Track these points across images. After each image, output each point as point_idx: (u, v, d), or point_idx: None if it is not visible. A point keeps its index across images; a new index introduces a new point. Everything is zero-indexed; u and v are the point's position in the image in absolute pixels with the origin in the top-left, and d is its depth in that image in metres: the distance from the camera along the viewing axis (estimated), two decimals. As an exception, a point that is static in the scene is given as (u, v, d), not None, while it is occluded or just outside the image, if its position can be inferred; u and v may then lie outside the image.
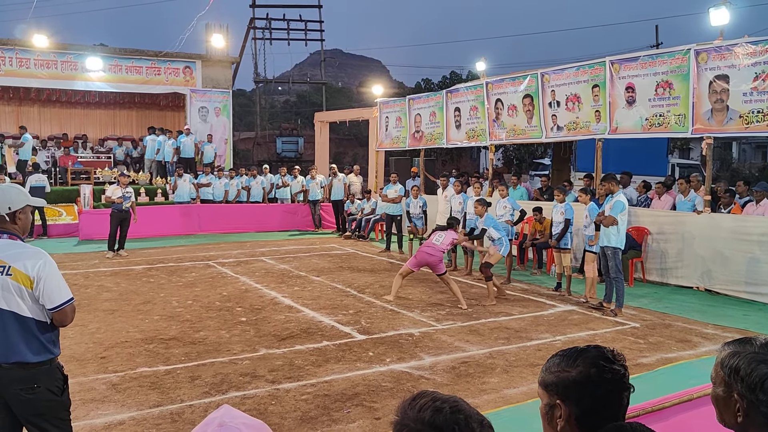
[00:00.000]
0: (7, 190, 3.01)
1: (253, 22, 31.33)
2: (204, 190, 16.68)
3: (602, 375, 1.48)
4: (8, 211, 2.93)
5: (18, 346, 2.78)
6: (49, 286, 2.84)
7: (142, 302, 8.32)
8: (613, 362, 1.51)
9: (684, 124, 9.51)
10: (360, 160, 29.96)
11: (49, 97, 20.31)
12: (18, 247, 2.90)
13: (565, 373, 1.51)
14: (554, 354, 1.60)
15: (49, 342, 2.90)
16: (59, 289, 2.88)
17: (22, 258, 2.83)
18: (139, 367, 5.69)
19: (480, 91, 13.60)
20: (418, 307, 8.22)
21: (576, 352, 1.55)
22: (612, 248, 7.84)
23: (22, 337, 2.79)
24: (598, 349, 1.55)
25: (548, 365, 1.57)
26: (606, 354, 1.52)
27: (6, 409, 2.85)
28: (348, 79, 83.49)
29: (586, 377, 1.48)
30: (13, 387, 2.78)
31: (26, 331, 2.81)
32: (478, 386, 5.30)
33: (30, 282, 2.81)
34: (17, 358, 2.79)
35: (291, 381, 5.37)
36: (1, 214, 2.91)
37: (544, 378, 1.56)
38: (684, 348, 6.43)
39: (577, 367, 1.50)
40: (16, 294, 2.79)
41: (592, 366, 1.49)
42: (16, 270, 2.79)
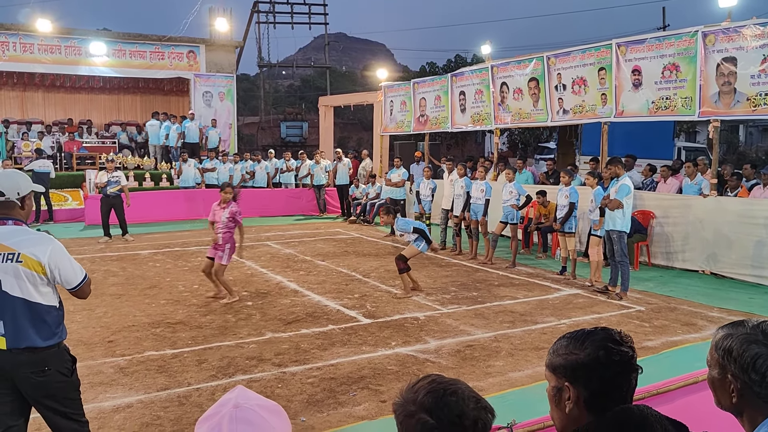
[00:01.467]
0: (15, 176, 3.07)
1: (256, 6, 31.16)
2: (209, 174, 16.69)
3: (611, 357, 1.47)
4: (17, 197, 2.98)
5: (28, 331, 2.83)
6: (64, 270, 2.94)
7: (148, 287, 8.37)
8: (621, 344, 1.50)
9: (691, 107, 9.44)
10: (364, 145, 29.90)
11: (54, 83, 20.27)
12: (24, 234, 2.94)
13: (573, 356, 1.50)
14: (561, 336, 1.59)
15: (57, 326, 2.95)
16: (74, 271, 2.99)
17: (30, 244, 2.87)
18: (147, 351, 5.73)
19: (485, 74, 13.51)
20: (423, 291, 8.23)
21: (584, 334, 1.54)
22: (617, 232, 7.82)
23: (31, 322, 2.84)
24: (606, 331, 1.54)
25: (556, 348, 1.56)
26: (614, 336, 1.52)
27: (14, 393, 2.88)
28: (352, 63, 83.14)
29: (595, 359, 1.47)
30: (23, 371, 2.83)
31: (35, 317, 2.86)
32: (483, 369, 5.32)
33: (42, 268, 2.86)
34: (27, 343, 2.84)
35: (297, 364, 5.40)
36: (11, 200, 2.96)
37: (552, 361, 1.55)
38: (689, 331, 6.44)
39: (586, 349, 1.49)
40: (28, 280, 2.84)
41: (601, 348, 1.48)
42: (26, 257, 2.84)
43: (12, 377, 2.85)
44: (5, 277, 2.82)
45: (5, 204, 2.96)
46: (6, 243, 2.85)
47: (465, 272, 9.56)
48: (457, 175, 11.07)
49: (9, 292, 2.83)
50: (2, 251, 2.84)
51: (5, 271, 2.82)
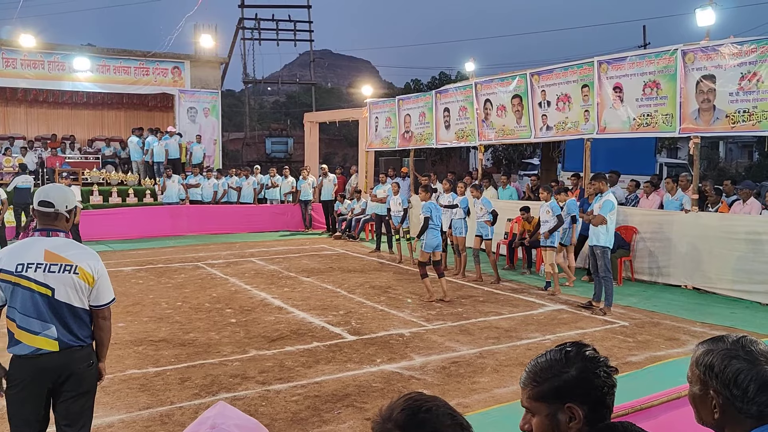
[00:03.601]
0: (64, 189, 3.26)
1: (242, 23, 31.21)
2: (193, 190, 16.61)
3: (597, 364, 1.50)
4: (65, 209, 3.14)
5: (76, 332, 3.06)
6: (103, 287, 3.15)
7: (131, 304, 8.28)
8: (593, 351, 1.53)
9: (671, 123, 9.58)
10: (350, 161, 29.93)
11: (36, 98, 20.12)
12: (78, 247, 3.17)
13: (564, 374, 1.48)
14: (530, 364, 1.54)
15: (90, 327, 3.17)
16: (108, 289, 3.20)
17: (85, 258, 3.09)
18: (129, 369, 5.66)
19: (469, 91, 13.62)
20: (409, 307, 8.22)
21: (559, 352, 1.52)
22: (601, 247, 7.88)
23: (76, 324, 3.06)
24: (575, 344, 1.55)
25: (533, 376, 1.51)
26: (584, 345, 1.54)
27: (48, 399, 3.06)
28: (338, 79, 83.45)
29: (585, 371, 1.48)
30: (80, 365, 3.08)
31: (79, 319, 3.08)
32: (469, 386, 5.31)
33: (92, 281, 3.08)
34: (78, 342, 3.08)
35: (281, 382, 5.36)
36: (60, 212, 3.12)
37: (539, 390, 1.50)
38: (672, 346, 6.48)
39: (574, 364, 1.49)
40: (79, 290, 3.05)
41: (585, 359, 1.50)
42: (83, 270, 3.05)
43: (68, 375, 3.03)
44: (58, 286, 3.00)
45: (55, 216, 3.12)
46: (63, 255, 3.03)
47: (450, 288, 9.56)
48: (443, 191, 11.11)
49: (59, 300, 3.01)
50: (60, 262, 3.01)
51: (60, 280, 3.00)
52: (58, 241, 3.08)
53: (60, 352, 3.01)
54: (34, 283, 2.98)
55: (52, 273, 3.00)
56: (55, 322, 3.01)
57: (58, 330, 3.01)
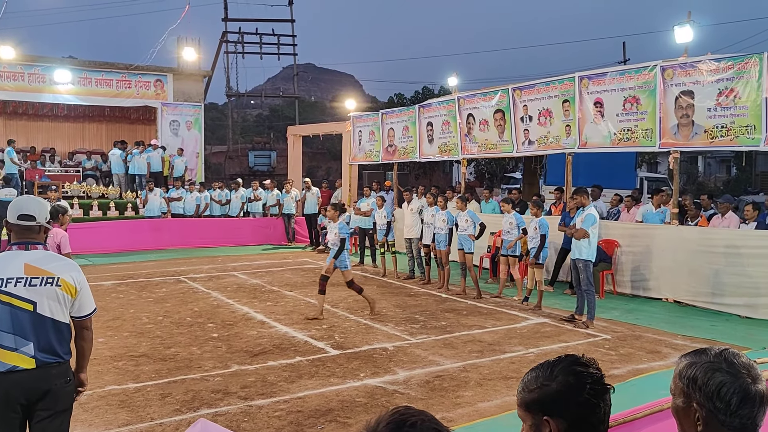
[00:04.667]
0: (43, 202, 3.24)
1: (225, 36, 31.22)
2: (175, 204, 16.49)
3: (582, 380, 1.48)
4: (45, 222, 3.13)
5: (56, 347, 3.02)
6: (85, 298, 3.14)
7: (111, 318, 8.16)
8: (588, 366, 1.51)
9: (651, 138, 9.71)
10: (333, 174, 29.93)
11: (16, 110, 19.91)
12: (58, 259, 3.16)
13: (545, 387, 1.48)
14: (527, 372, 1.57)
15: (69, 343, 3.14)
16: (90, 300, 3.19)
17: (67, 269, 3.07)
18: (108, 385, 5.57)
19: (452, 106, 13.71)
20: (392, 321, 8.20)
21: (550, 364, 1.53)
22: (583, 261, 7.94)
23: (57, 339, 3.03)
24: (572, 357, 1.54)
25: (524, 384, 1.54)
26: (580, 360, 1.53)
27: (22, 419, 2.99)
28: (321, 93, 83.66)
29: (568, 386, 1.47)
30: (57, 381, 3.02)
31: (60, 334, 3.04)
32: (453, 400, 5.29)
33: (75, 292, 3.07)
34: (57, 358, 3.03)
35: (264, 397, 5.30)
36: (43, 225, 3.12)
37: (524, 398, 1.52)
38: (654, 359, 6.52)
39: (556, 377, 1.49)
40: (61, 303, 3.03)
41: (570, 374, 1.48)
42: (65, 281, 3.03)
43: (44, 392, 2.97)
44: (41, 299, 2.97)
45: (33, 228, 3.10)
46: (44, 267, 3.00)
47: (434, 301, 9.56)
48: (426, 204, 11.14)
49: (42, 314, 2.97)
50: (42, 275, 2.98)
51: (42, 294, 2.97)
52: (37, 254, 3.05)
53: (36, 369, 2.96)
54: (15, 299, 2.93)
55: (33, 286, 2.96)
56: (34, 338, 2.95)
57: (36, 346, 2.95)
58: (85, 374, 3.29)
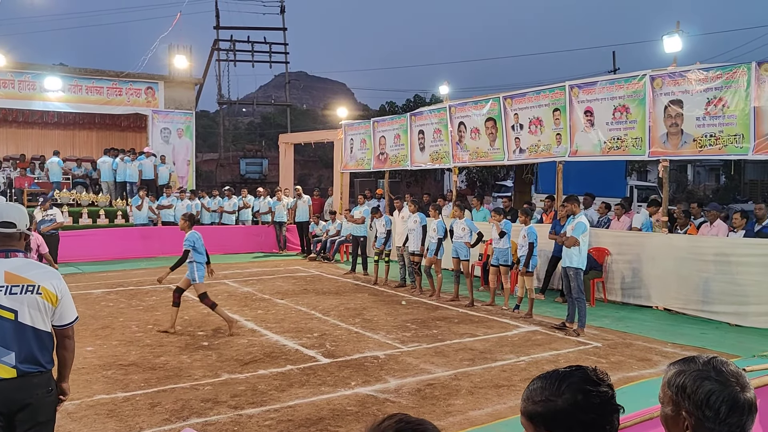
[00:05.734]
0: (22, 208, 3.19)
1: (217, 44, 31.24)
2: (165, 211, 16.41)
3: (590, 400, 1.41)
4: (25, 229, 3.10)
5: (37, 356, 2.97)
6: (65, 305, 3.08)
7: (100, 327, 8.10)
8: (599, 384, 1.44)
9: (641, 147, 9.77)
10: (325, 182, 29.92)
11: (5, 117, 19.78)
12: (38, 267, 3.11)
13: (550, 402, 1.42)
14: (535, 379, 1.50)
15: (51, 352, 3.09)
16: (71, 308, 3.14)
17: (47, 277, 3.02)
18: (97, 395, 5.52)
19: (443, 114, 13.76)
20: (384, 329, 8.18)
21: (559, 376, 1.46)
22: (574, 269, 7.96)
23: (38, 348, 2.97)
24: (582, 371, 1.47)
25: (530, 393, 1.48)
26: (591, 376, 1.45)
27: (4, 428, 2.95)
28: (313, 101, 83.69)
29: (574, 404, 1.40)
30: (38, 391, 2.97)
31: (41, 343, 2.99)
32: (444, 408, 5.28)
33: (56, 300, 3.02)
34: (38, 367, 2.99)
35: (254, 406, 5.27)
36: (22, 232, 3.08)
37: (527, 408, 1.47)
38: (644, 367, 6.53)
39: (563, 394, 1.42)
40: (42, 311, 2.98)
41: (579, 392, 1.41)
42: (45, 289, 2.98)
43: (25, 404, 2.92)
44: (21, 308, 2.92)
45: (14, 236, 3.06)
46: (24, 275, 2.95)
47: (425, 309, 9.55)
48: (409, 212, 11.14)
49: (23, 322, 2.93)
50: (23, 283, 2.93)
51: (23, 302, 2.92)
52: (17, 262, 3.00)
53: (17, 378, 2.92)
54: None
55: (14, 295, 2.91)
56: (16, 348, 2.91)
57: (17, 356, 2.91)
58: (66, 383, 3.25)
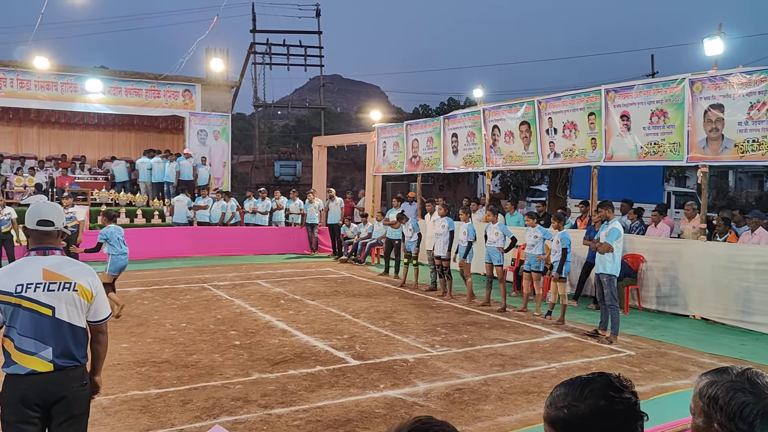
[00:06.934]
0: (59, 207, 3.30)
1: (253, 47, 31.62)
2: (200, 212, 16.68)
3: (613, 406, 1.39)
4: (62, 227, 3.19)
5: (73, 351, 3.06)
6: (100, 302, 3.18)
7: (135, 324, 8.27)
8: (622, 390, 1.43)
9: (679, 152, 9.57)
10: (358, 185, 30.02)
11: (48, 119, 20.36)
12: (75, 264, 3.18)
13: (573, 408, 1.41)
14: (558, 385, 1.49)
15: (86, 347, 3.19)
16: (105, 305, 3.24)
17: (83, 274, 3.12)
18: (131, 390, 5.63)
19: (477, 117, 13.69)
20: (414, 332, 8.17)
21: (582, 382, 1.45)
22: (607, 275, 7.83)
23: (74, 343, 3.07)
24: (605, 378, 1.46)
25: (553, 399, 1.47)
26: (614, 382, 1.44)
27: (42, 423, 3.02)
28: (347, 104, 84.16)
29: (596, 410, 1.39)
30: (74, 385, 3.06)
31: (77, 338, 3.09)
32: (472, 413, 5.25)
33: (91, 297, 3.11)
34: (74, 361, 3.08)
35: (283, 406, 5.31)
36: (59, 230, 3.17)
37: (549, 414, 1.45)
38: (680, 377, 6.39)
39: (586, 399, 1.41)
40: (78, 307, 3.07)
41: (602, 397, 1.40)
42: (81, 286, 3.07)
43: (60, 396, 3.01)
44: (59, 304, 3.01)
45: (51, 234, 3.15)
46: (62, 272, 3.05)
47: (455, 314, 9.51)
48: (438, 215, 11.09)
49: (60, 318, 3.02)
50: (60, 280, 3.03)
51: (60, 298, 3.01)
52: (55, 260, 3.09)
53: (53, 372, 3.00)
54: (36, 303, 2.97)
55: (51, 291, 3.00)
56: (53, 343, 2.99)
57: (54, 351, 3.00)
58: (99, 377, 3.33)
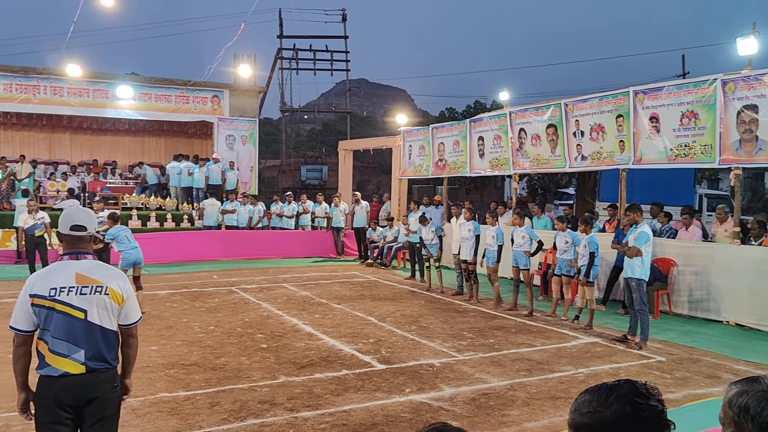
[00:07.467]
0: (91, 212, 3.38)
1: (280, 53, 31.87)
2: (229, 216, 16.86)
3: (639, 413, 1.38)
4: (94, 232, 3.28)
5: (104, 354, 3.12)
6: (131, 305, 3.24)
7: (164, 327, 8.38)
8: (649, 398, 1.41)
9: (711, 154, 9.39)
10: (384, 188, 30.04)
11: (81, 124, 20.80)
12: (107, 269, 3.26)
13: (598, 414, 1.40)
14: (583, 391, 1.48)
15: (117, 349, 3.25)
16: (136, 308, 3.30)
17: (114, 278, 3.19)
18: (160, 392, 5.71)
19: (503, 120, 13.61)
20: (440, 337, 8.14)
21: (607, 388, 1.44)
22: (636, 280, 7.71)
23: (105, 346, 3.13)
24: (631, 384, 1.44)
25: (578, 405, 1.46)
26: (640, 389, 1.43)
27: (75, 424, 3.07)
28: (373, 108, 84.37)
29: (622, 417, 1.38)
30: (105, 386, 3.12)
31: (108, 341, 3.15)
32: (498, 419, 5.20)
33: (122, 301, 3.18)
34: (105, 364, 3.13)
35: (310, 410, 5.33)
36: (92, 234, 3.25)
37: (574, 419, 1.44)
38: (713, 384, 6.25)
39: (611, 406, 1.40)
40: (109, 311, 3.14)
41: (627, 404, 1.39)
42: (113, 290, 3.14)
43: (92, 398, 3.07)
44: (91, 307, 3.08)
45: (84, 239, 3.22)
46: (94, 276, 3.12)
47: (482, 318, 9.45)
48: (464, 219, 11.04)
49: (92, 321, 3.08)
50: (92, 284, 3.10)
51: (92, 302, 3.08)
52: (87, 264, 3.16)
53: (85, 374, 3.07)
54: (69, 307, 3.04)
55: (84, 295, 3.07)
56: (85, 345, 3.06)
57: (86, 354, 3.06)
58: (129, 380, 3.38)
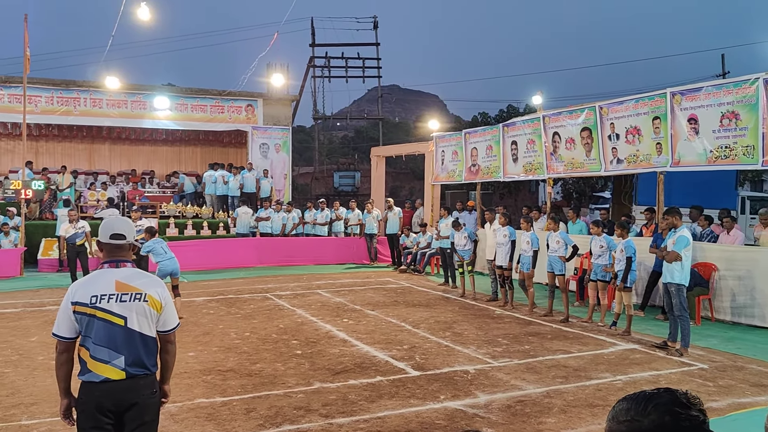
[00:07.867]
0: (130, 222, 3.47)
1: (312, 61, 32.16)
2: (263, 223, 17.04)
3: (679, 423, 1.33)
4: (133, 240, 3.35)
5: (144, 360, 3.19)
6: (169, 312, 3.30)
7: (201, 333, 8.50)
8: (689, 408, 1.35)
9: (753, 155, 9.14)
10: (417, 194, 30.02)
11: (119, 135, 21.34)
12: (145, 276, 3.34)
13: (635, 423, 1.35)
14: (621, 399, 1.44)
15: (156, 356, 3.30)
16: (174, 315, 3.36)
17: (153, 286, 3.26)
18: (197, 398, 5.79)
19: (537, 124, 13.49)
20: (474, 343, 8.08)
21: (646, 397, 1.39)
22: (675, 285, 7.54)
23: (145, 352, 3.19)
24: (671, 393, 1.38)
25: (615, 413, 1.41)
26: (680, 398, 1.37)
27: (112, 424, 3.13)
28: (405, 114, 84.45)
29: (660, 426, 1.33)
30: (144, 392, 3.18)
31: (147, 347, 3.21)
32: (535, 426, 5.14)
33: (160, 308, 3.24)
34: (145, 370, 3.19)
35: (344, 416, 5.34)
36: (131, 243, 3.33)
37: (611, 428, 1.40)
38: (759, 393, 6.07)
39: (649, 415, 1.34)
40: (149, 317, 3.20)
41: (666, 413, 1.34)
42: (152, 297, 3.21)
43: (132, 403, 3.13)
44: (130, 314, 3.15)
45: (123, 247, 3.30)
46: (133, 284, 3.19)
47: (517, 324, 9.35)
48: (499, 224, 10.94)
49: (132, 328, 3.15)
50: (131, 291, 3.17)
51: (132, 309, 3.15)
52: (126, 272, 3.23)
53: (125, 380, 3.13)
54: (109, 314, 3.11)
55: (123, 302, 3.14)
56: (125, 352, 3.12)
57: (126, 360, 3.12)
58: (168, 386, 3.44)
